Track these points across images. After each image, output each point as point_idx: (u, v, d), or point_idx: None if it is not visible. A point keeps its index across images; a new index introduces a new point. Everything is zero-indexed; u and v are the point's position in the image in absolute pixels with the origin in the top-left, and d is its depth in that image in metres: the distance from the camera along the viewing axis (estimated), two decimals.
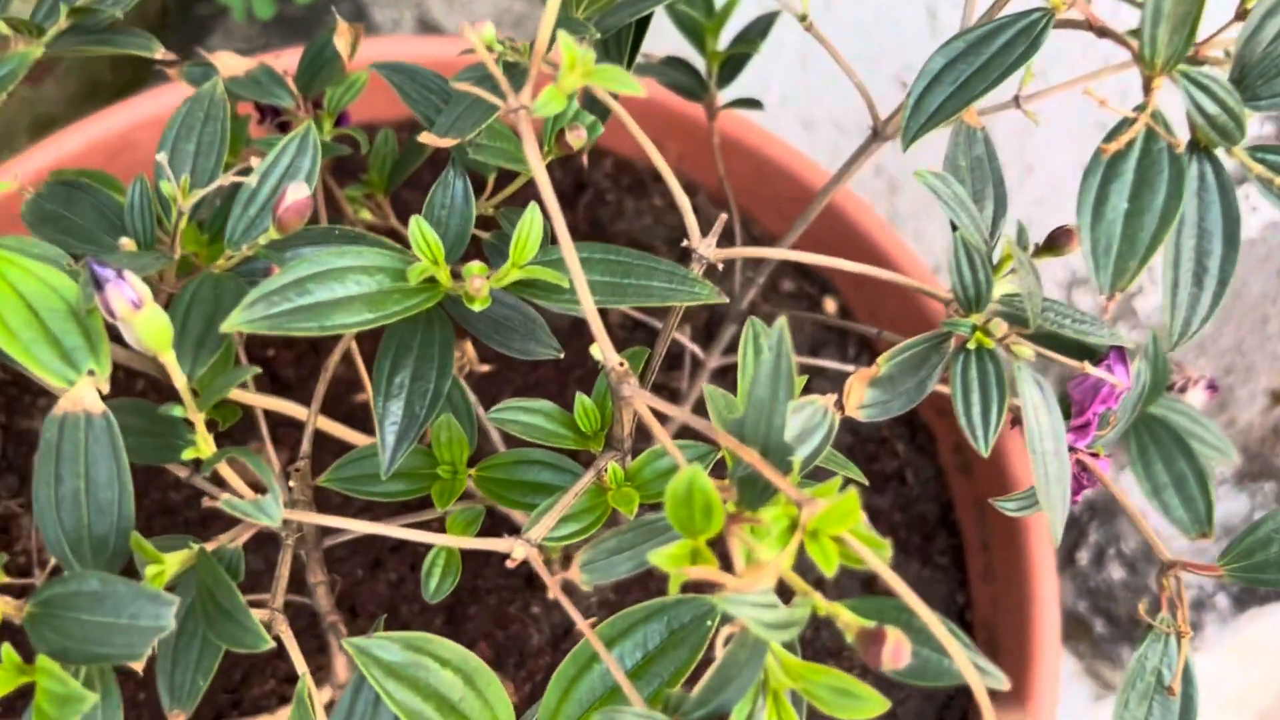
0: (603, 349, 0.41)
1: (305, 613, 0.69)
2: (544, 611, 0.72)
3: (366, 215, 0.69)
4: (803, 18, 0.56)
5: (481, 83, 0.45)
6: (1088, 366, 0.45)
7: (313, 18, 1.15)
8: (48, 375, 0.38)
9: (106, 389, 0.40)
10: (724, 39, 0.70)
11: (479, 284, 0.42)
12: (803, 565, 0.33)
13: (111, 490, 0.38)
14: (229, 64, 0.57)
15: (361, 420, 0.73)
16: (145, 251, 0.43)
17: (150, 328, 0.37)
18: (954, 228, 0.43)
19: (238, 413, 0.52)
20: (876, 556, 0.32)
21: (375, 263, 0.42)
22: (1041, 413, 0.43)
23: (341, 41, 0.54)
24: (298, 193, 0.41)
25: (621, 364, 0.40)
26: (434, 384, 0.44)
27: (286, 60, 0.59)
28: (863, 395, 0.41)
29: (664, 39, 0.77)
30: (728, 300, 0.44)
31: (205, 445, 0.40)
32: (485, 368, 0.74)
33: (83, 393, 0.38)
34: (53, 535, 0.38)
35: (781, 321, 0.37)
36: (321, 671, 0.66)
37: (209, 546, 0.41)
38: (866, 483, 0.46)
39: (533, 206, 0.43)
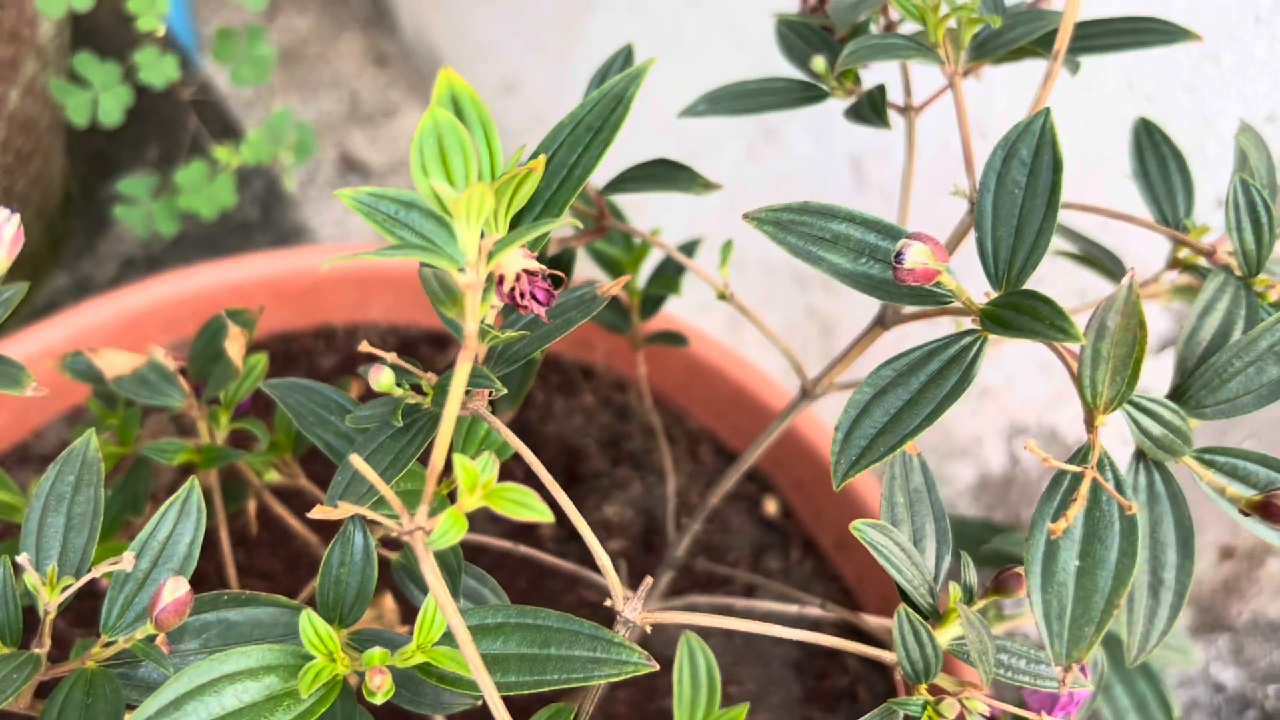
0: None
1: None
2: None
3: (274, 476, 0.65)
4: (721, 295, 0.54)
5: (384, 429, 0.42)
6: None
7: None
8: None
9: None
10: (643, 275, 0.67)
11: (379, 681, 0.38)
12: None
13: None
14: (114, 362, 0.53)
15: None
16: (8, 655, 0.39)
17: None
18: (901, 590, 0.40)
19: None
20: None
21: (264, 662, 0.38)
22: None
23: (234, 347, 0.50)
24: (175, 590, 0.38)
25: None
26: None
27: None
28: None
29: (586, 271, 0.74)
30: (658, 668, 0.40)
31: None
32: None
33: None
34: None
35: None
36: None
37: None
38: None
39: (433, 601, 0.39)
